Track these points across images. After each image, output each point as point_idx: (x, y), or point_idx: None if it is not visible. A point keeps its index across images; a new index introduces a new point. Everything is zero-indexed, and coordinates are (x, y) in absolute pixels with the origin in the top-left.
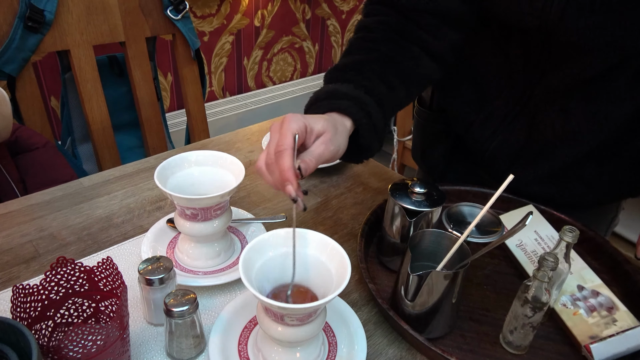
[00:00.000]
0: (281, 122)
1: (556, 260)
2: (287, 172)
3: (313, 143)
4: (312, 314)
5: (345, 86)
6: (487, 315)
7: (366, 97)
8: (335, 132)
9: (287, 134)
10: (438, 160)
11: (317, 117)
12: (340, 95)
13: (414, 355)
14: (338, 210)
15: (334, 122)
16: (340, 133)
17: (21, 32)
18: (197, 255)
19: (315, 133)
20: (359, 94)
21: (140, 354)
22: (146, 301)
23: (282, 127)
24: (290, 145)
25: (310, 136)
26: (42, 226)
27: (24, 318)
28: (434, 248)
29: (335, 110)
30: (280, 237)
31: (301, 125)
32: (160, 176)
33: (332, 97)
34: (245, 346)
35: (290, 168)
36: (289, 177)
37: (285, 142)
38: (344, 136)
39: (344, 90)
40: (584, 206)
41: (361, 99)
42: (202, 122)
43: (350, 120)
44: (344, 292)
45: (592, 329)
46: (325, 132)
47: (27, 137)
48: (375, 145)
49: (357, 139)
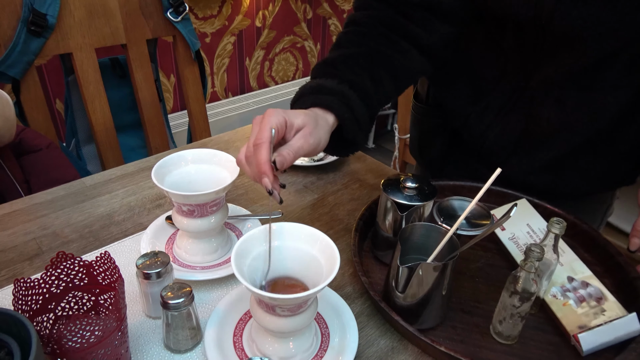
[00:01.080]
0: (262, 116)
1: (542, 251)
2: (263, 165)
3: (293, 137)
4: (303, 305)
5: (329, 81)
6: (478, 307)
7: (350, 91)
8: (315, 126)
9: (266, 128)
10: (436, 155)
11: (298, 111)
12: (325, 90)
13: (405, 346)
14: (334, 207)
15: (315, 116)
16: (320, 127)
17: (24, 37)
18: (194, 251)
19: (295, 127)
20: (342, 88)
21: (139, 346)
22: (144, 295)
23: (262, 121)
24: (267, 139)
25: (291, 130)
26: (45, 224)
27: (25, 310)
28: (424, 241)
29: (318, 105)
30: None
31: (280, 119)
32: (157, 174)
33: (316, 92)
34: (240, 337)
35: (266, 161)
36: (265, 170)
37: (263, 136)
38: (324, 130)
39: (328, 85)
40: (580, 195)
41: (344, 93)
42: (204, 122)
43: (332, 115)
44: (337, 285)
45: (581, 319)
46: (305, 127)
47: (31, 138)
48: (360, 139)
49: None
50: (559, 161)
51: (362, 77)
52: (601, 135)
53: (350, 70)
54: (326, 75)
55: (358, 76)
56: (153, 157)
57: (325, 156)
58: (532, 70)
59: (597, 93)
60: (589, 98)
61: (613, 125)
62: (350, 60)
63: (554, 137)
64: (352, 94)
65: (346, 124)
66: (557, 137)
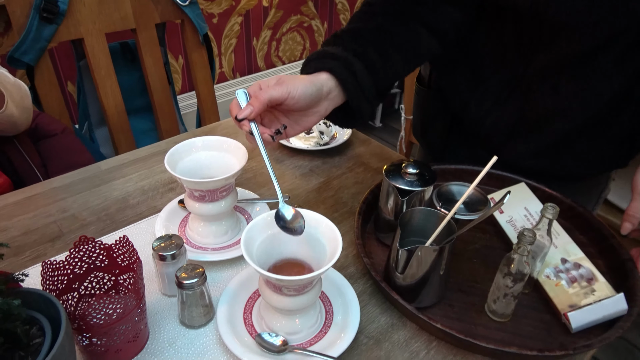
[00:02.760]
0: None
1: (534, 235)
2: None
3: None
4: (308, 285)
5: (334, 48)
6: (475, 286)
7: (354, 59)
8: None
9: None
10: (437, 137)
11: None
12: (328, 55)
13: (404, 323)
14: (339, 190)
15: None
16: (300, 80)
17: (37, 23)
18: (206, 233)
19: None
20: (346, 55)
21: (157, 322)
22: (160, 275)
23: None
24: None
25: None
26: (64, 208)
27: (53, 290)
28: (423, 225)
29: (321, 70)
30: None
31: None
32: (170, 161)
33: (321, 58)
34: (249, 314)
35: None
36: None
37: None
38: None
39: (332, 51)
40: (575, 178)
41: (348, 60)
42: (212, 104)
43: (335, 79)
44: (341, 266)
45: (572, 299)
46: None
47: (47, 123)
48: (365, 108)
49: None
50: (554, 146)
51: (368, 49)
52: (595, 121)
53: (354, 42)
54: (333, 44)
55: (363, 47)
56: (164, 142)
57: (330, 140)
58: (530, 58)
59: (591, 81)
60: (583, 85)
61: (606, 112)
62: (358, 34)
63: (550, 123)
64: (356, 61)
65: (349, 88)
66: (553, 123)
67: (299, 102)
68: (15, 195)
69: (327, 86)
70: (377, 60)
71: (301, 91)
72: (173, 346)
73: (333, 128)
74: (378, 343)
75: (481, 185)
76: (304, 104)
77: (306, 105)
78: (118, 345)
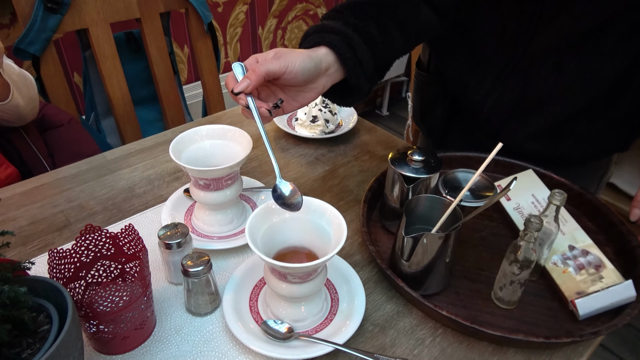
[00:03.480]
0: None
1: (541, 222)
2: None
3: None
4: (312, 273)
5: (333, 22)
6: (481, 274)
7: (354, 34)
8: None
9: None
10: (437, 123)
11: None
12: (327, 29)
13: (410, 310)
14: (345, 178)
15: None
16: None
17: (42, 14)
18: (211, 222)
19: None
20: (346, 30)
21: (163, 309)
22: (166, 263)
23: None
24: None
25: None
26: (71, 197)
27: (60, 278)
28: (429, 212)
29: (320, 44)
30: None
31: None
32: (174, 150)
33: (319, 31)
34: (255, 302)
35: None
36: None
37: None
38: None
39: (331, 25)
40: (575, 161)
41: (347, 34)
42: (218, 94)
43: (333, 54)
44: (347, 254)
45: (579, 286)
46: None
47: (53, 114)
48: (364, 85)
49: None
50: (554, 128)
51: (367, 23)
52: (596, 102)
53: (354, 16)
54: (332, 18)
55: (363, 21)
56: (170, 131)
57: (336, 128)
58: (531, 37)
59: (594, 58)
60: (586, 63)
61: (609, 92)
62: (357, 8)
63: (550, 104)
64: (355, 36)
65: (347, 63)
66: (554, 103)
67: (296, 77)
68: (22, 186)
69: (325, 61)
70: (377, 35)
71: (299, 65)
72: (180, 333)
73: (339, 116)
74: (384, 330)
75: (488, 172)
76: (302, 78)
77: (304, 80)
78: (125, 333)
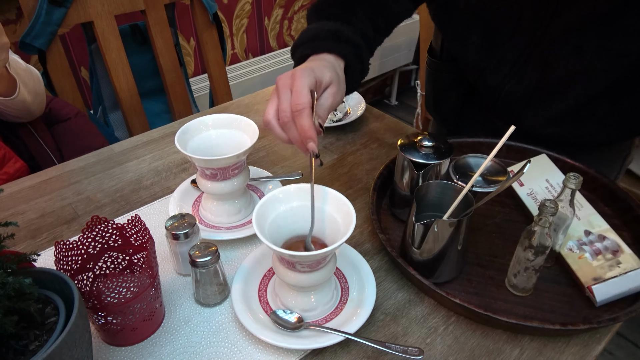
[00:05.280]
0: (291, 77)
1: (556, 206)
2: (308, 131)
3: (321, 95)
4: (322, 261)
5: (346, 27)
6: (495, 261)
7: (362, 42)
8: (339, 83)
9: (304, 92)
10: (451, 110)
11: (322, 67)
12: (343, 38)
13: (421, 299)
14: (353, 166)
15: (335, 68)
16: (342, 80)
17: (46, 7)
18: (219, 212)
19: (324, 85)
20: (358, 40)
21: (172, 301)
22: (174, 254)
23: (295, 83)
24: (308, 104)
25: (320, 89)
26: (79, 190)
27: (67, 270)
28: (440, 198)
29: (334, 53)
30: (290, 193)
31: (312, 80)
32: (180, 140)
33: (334, 39)
34: (264, 292)
35: (311, 127)
36: (311, 135)
37: (302, 101)
38: (344, 82)
39: (346, 33)
40: (596, 145)
41: (359, 45)
42: (225, 85)
43: (344, 63)
44: (357, 242)
45: (596, 271)
46: (332, 84)
47: (60, 108)
48: (358, 86)
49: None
50: (576, 111)
51: (367, 25)
52: (620, 84)
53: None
54: (337, 19)
55: (364, 24)
56: (177, 123)
57: (344, 116)
58: (550, 18)
59: (616, 40)
60: (608, 45)
61: (632, 74)
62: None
63: (571, 87)
64: (363, 44)
65: (354, 75)
66: (575, 86)
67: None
68: (31, 179)
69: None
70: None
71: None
72: (189, 324)
73: (346, 104)
74: (395, 319)
75: (500, 157)
76: None
77: None
78: (134, 324)
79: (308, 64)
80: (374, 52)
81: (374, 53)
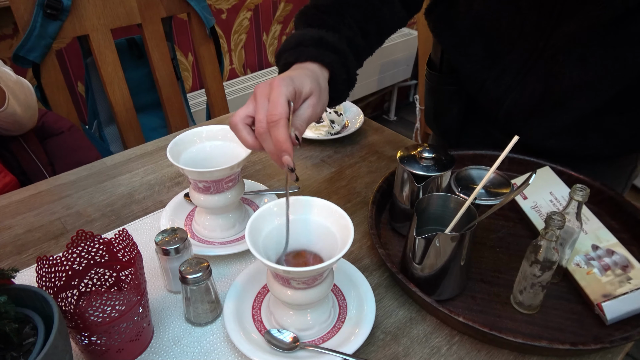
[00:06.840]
0: (269, 86)
1: (563, 219)
2: (284, 143)
3: (300, 106)
4: (318, 277)
5: (330, 35)
6: (499, 277)
7: (348, 50)
8: (320, 93)
9: (279, 101)
10: (451, 123)
11: (304, 76)
12: (328, 46)
13: (423, 317)
14: (352, 180)
15: (317, 78)
16: (323, 91)
17: (41, 20)
18: (212, 227)
19: (303, 95)
20: (344, 48)
21: (162, 319)
22: (164, 270)
23: (273, 93)
24: (285, 115)
25: (299, 99)
26: (69, 204)
27: (49, 287)
28: (441, 212)
29: (318, 61)
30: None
31: (291, 89)
32: (172, 152)
33: (318, 46)
34: (258, 310)
35: (287, 139)
36: (286, 148)
37: (278, 111)
38: (326, 93)
39: (330, 40)
40: (602, 158)
41: (344, 53)
42: (222, 99)
43: (328, 73)
44: (355, 258)
45: (606, 288)
46: (313, 95)
47: (53, 121)
48: (345, 97)
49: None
50: (581, 123)
51: (355, 32)
52: (626, 95)
53: (344, 23)
54: (323, 26)
55: (352, 31)
56: (171, 136)
57: (342, 129)
58: (553, 28)
59: (623, 49)
60: (614, 54)
61: (638, 83)
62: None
63: (576, 98)
64: (349, 53)
65: (338, 84)
66: (580, 98)
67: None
68: (20, 193)
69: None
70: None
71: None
72: (178, 345)
73: (344, 116)
74: (396, 338)
75: (502, 170)
76: None
77: None
78: (119, 345)
79: (289, 73)
80: (363, 62)
81: (362, 63)
